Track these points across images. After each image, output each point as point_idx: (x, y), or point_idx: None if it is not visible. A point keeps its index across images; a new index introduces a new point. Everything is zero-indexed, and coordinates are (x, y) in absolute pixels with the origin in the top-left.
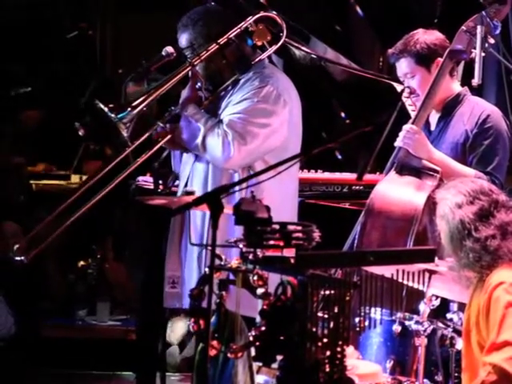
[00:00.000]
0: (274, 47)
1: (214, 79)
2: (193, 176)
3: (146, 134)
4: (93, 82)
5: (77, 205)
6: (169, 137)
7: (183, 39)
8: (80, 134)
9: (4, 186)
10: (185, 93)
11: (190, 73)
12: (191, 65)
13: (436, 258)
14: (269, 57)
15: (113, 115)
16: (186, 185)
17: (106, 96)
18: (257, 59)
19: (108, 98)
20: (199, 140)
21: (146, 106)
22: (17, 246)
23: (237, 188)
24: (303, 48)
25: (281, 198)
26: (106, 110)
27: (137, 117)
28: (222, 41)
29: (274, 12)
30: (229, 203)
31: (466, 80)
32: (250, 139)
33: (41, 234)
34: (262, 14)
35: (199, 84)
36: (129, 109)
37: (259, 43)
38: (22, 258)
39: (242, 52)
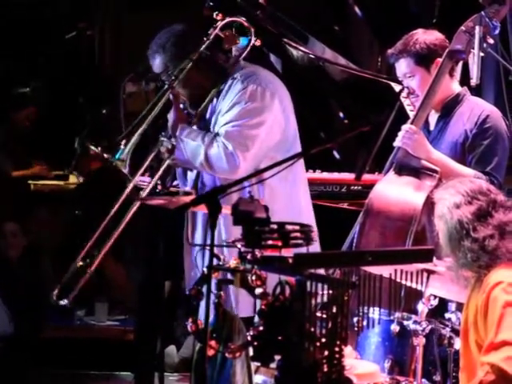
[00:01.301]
0: (246, 51)
1: (196, 95)
2: (202, 176)
3: (152, 154)
4: (86, 127)
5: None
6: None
7: (157, 65)
8: (79, 180)
9: None
10: (171, 116)
11: (171, 96)
12: (171, 87)
13: (434, 258)
14: (267, 57)
15: (109, 157)
16: (194, 185)
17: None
18: (232, 64)
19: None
20: (202, 158)
21: (137, 138)
22: (56, 292)
23: (235, 188)
24: (301, 48)
25: (288, 200)
26: (101, 153)
27: (132, 149)
28: (194, 56)
29: (242, 17)
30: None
31: (464, 80)
32: (251, 143)
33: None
34: (227, 20)
35: (183, 104)
36: (122, 146)
37: (229, 48)
38: (66, 302)
39: (217, 61)
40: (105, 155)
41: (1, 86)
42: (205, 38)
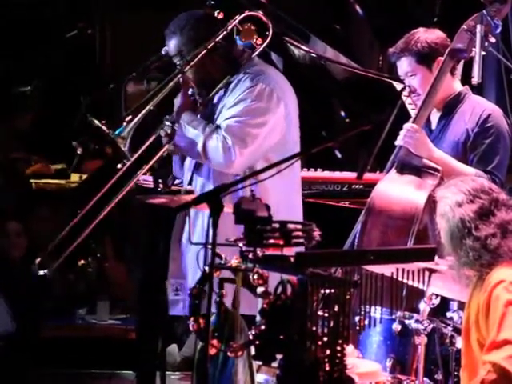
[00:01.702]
0: (262, 46)
1: (205, 84)
2: (196, 177)
3: (153, 136)
4: (85, 99)
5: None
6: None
7: (172, 46)
8: (78, 152)
9: None
10: (178, 101)
11: (181, 80)
12: (182, 72)
13: (436, 257)
14: (268, 56)
15: (110, 132)
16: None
17: (100, 108)
18: (246, 59)
19: (102, 109)
20: (199, 147)
21: (141, 117)
22: (38, 260)
23: (237, 187)
24: (303, 47)
25: (284, 197)
26: (102, 127)
27: (134, 128)
28: (209, 45)
29: (260, 11)
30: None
31: (465, 79)
32: (250, 141)
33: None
34: (246, 13)
35: (191, 90)
36: (124, 123)
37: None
38: (46, 271)
39: (231, 54)
40: (106, 129)
41: (1, 86)
42: (222, 29)
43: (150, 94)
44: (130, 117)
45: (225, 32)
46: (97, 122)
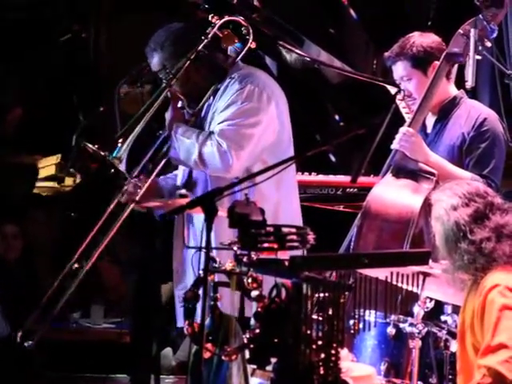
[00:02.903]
0: (244, 50)
1: (193, 94)
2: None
3: (149, 154)
4: (81, 123)
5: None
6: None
7: (155, 63)
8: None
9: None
10: (168, 114)
11: (169, 94)
12: (168, 86)
13: (430, 261)
14: (262, 60)
15: (106, 154)
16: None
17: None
18: (230, 64)
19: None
20: (195, 156)
21: (134, 136)
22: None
23: (231, 191)
24: (297, 50)
25: (281, 200)
26: (98, 151)
27: (128, 148)
28: (192, 55)
29: (240, 16)
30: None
31: (460, 83)
32: (245, 142)
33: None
34: (225, 19)
35: (181, 103)
36: (119, 144)
37: (226, 47)
38: (30, 343)
39: (215, 61)
40: (102, 153)
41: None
42: (203, 37)
43: (141, 112)
44: (122, 139)
45: (206, 40)
46: (91, 147)
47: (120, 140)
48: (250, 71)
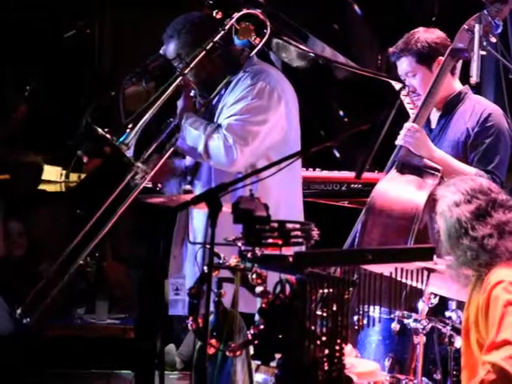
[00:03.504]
0: (260, 44)
1: (206, 85)
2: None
3: (157, 141)
4: (90, 107)
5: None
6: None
7: (170, 50)
8: (84, 161)
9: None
10: (180, 103)
11: (182, 82)
12: (182, 74)
13: (435, 257)
14: (267, 55)
15: (114, 139)
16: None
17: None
18: (245, 58)
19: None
20: (201, 148)
21: (144, 123)
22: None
23: (237, 186)
24: (301, 46)
25: (285, 196)
26: (106, 135)
27: (137, 135)
28: (207, 46)
29: (258, 10)
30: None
31: (464, 78)
32: (251, 139)
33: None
34: (243, 12)
35: (193, 92)
36: (128, 130)
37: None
38: (28, 320)
39: (230, 53)
40: (109, 137)
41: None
42: (220, 29)
43: (152, 99)
44: (131, 125)
45: (222, 32)
46: (100, 130)
47: (130, 126)
48: (264, 68)
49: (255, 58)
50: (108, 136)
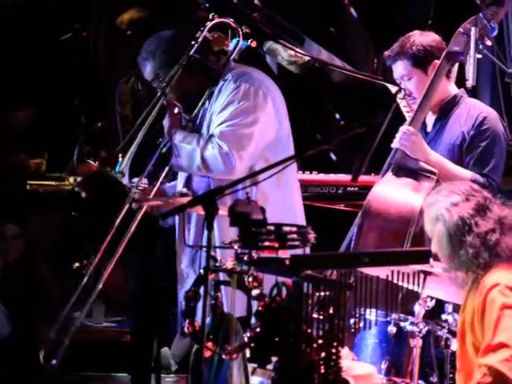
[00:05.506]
0: (235, 52)
1: (189, 99)
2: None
3: (150, 165)
4: (81, 136)
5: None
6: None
7: (148, 72)
8: (83, 196)
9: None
10: (166, 122)
11: (165, 102)
12: (163, 94)
13: (431, 259)
14: (263, 59)
15: (109, 170)
16: (186, 185)
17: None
18: (222, 65)
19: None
20: (198, 161)
21: (135, 148)
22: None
23: (232, 189)
24: (297, 49)
25: (283, 199)
26: (100, 167)
27: (130, 160)
28: (184, 62)
29: (230, 18)
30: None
31: (460, 82)
32: (246, 142)
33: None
34: (215, 21)
35: (177, 109)
36: (119, 158)
37: (219, 50)
38: (54, 361)
39: (207, 64)
40: (104, 169)
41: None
42: (193, 42)
43: (138, 122)
44: (124, 149)
45: (196, 45)
46: (93, 163)
47: (120, 155)
48: (244, 70)
49: (232, 62)
50: (103, 168)
